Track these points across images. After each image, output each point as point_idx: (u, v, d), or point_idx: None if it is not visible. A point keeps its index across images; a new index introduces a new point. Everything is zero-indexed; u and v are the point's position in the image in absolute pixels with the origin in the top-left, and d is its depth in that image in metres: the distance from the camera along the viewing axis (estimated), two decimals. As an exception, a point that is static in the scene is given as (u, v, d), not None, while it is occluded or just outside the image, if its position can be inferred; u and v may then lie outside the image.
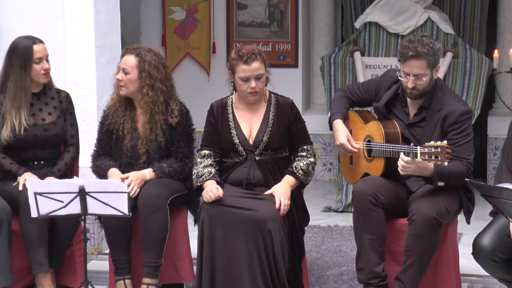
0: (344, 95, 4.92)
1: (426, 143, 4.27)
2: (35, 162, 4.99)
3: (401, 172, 4.41)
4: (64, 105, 5.08)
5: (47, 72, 4.96)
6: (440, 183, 4.47)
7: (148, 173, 4.84)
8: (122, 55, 4.92)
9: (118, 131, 4.91)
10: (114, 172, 4.84)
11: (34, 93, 5.01)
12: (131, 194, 4.68)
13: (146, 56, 4.85)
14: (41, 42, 4.96)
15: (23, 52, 4.90)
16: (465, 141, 4.52)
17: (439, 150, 4.19)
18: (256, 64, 4.58)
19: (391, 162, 4.49)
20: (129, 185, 4.69)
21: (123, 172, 4.88)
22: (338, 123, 4.78)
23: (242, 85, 4.62)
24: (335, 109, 4.86)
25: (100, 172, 4.89)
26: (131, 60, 4.86)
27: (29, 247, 4.76)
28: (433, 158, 4.21)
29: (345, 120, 4.83)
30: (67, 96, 5.11)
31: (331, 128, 4.85)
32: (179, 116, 4.89)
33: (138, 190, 4.78)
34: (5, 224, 4.65)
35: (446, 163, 4.22)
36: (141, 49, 4.88)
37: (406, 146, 4.38)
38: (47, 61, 4.96)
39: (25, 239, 4.76)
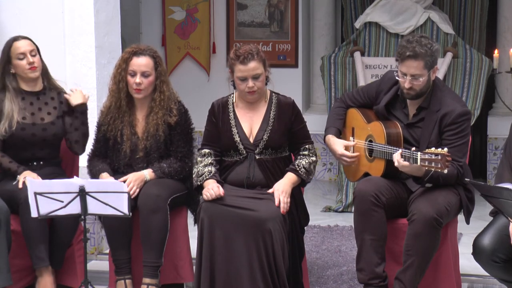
0: (342, 105, 4.93)
1: (427, 150, 4.26)
2: (34, 163, 4.99)
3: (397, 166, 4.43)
4: (65, 105, 5.07)
5: (33, 66, 4.92)
6: (428, 185, 4.48)
7: (147, 173, 4.84)
8: (128, 58, 4.86)
9: (117, 137, 4.91)
10: (104, 177, 4.82)
11: (33, 92, 5.01)
12: (130, 195, 4.67)
13: (158, 55, 4.90)
14: (25, 38, 4.95)
15: (2, 52, 4.95)
16: (460, 143, 4.50)
17: (439, 157, 4.18)
18: (252, 64, 4.58)
19: (391, 163, 4.48)
20: (128, 186, 4.69)
21: (122, 173, 4.87)
22: (331, 138, 4.80)
23: (240, 85, 4.63)
24: (328, 124, 4.90)
25: (92, 175, 4.90)
26: (148, 61, 4.84)
27: (30, 243, 4.76)
28: (433, 165, 4.21)
29: (340, 134, 4.85)
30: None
31: (325, 142, 4.87)
32: (178, 115, 4.89)
33: (138, 190, 4.77)
34: (3, 224, 4.64)
35: (446, 171, 4.21)
36: (149, 49, 4.89)
37: (407, 150, 4.37)
38: (33, 55, 4.92)
39: (26, 236, 4.76)
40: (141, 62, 4.84)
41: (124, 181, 4.71)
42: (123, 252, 4.81)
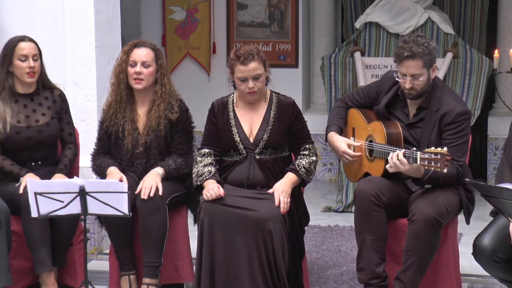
0: (342, 105, 4.93)
1: (427, 149, 4.25)
2: (33, 163, 4.98)
3: (389, 170, 4.41)
4: (58, 104, 5.05)
5: (32, 72, 4.89)
6: (427, 185, 4.48)
7: (157, 169, 4.82)
8: (129, 50, 4.87)
9: (118, 132, 4.91)
10: (113, 171, 4.83)
11: (26, 94, 4.98)
12: (152, 191, 4.67)
13: (158, 48, 4.92)
14: (31, 41, 4.93)
15: (5, 47, 4.92)
16: (459, 142, 4.50)
17: (439, 157, 4.18)
18: (253, 65, 4.58)
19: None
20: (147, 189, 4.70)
21: (123, 169, 4.88)
22: (333, 136, 4.79)
23: (241, 85, 4.63)
24: (330, 122, 4.89)
25: (100, 170, 4.90)
26: (149, 52, 4.87)
27: (32, 247, 4.76)
28: (432, 164, 4.20)
29: (341, 132, 4.84)
30: (61, 94, 5.08)
31: (326, 140, 4.86)
32: (179, 112, 4.90)
33: (156, 186, 4.72)
34: (3, 224, 4.63)
35: (445, 170, 4.21)
36: (150, 42, 4.93)
37: (407, 150, 4.37)
38: (35, 60, 4.90)
39: (28, 239, 4.76)
40: (142, 53, 4.86)
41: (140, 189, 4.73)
42: (125, 249, 4.82)
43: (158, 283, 4.77)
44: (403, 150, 4.38)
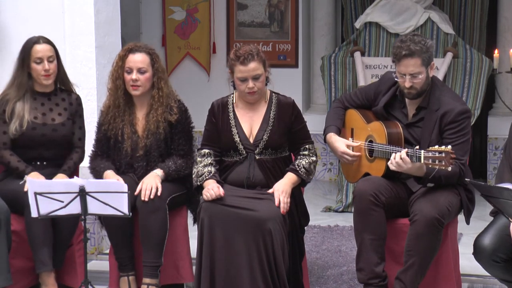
0: (340, 105, 4.93)
1: (431, 147, 4.25)
2: (38, 162, 4.99)
3: (391, 167, 4.40)
4: (74, 107, 5.08)
5: (48, 73, 4.94)
6: (430, 184, 4.48)
7: (157, 171, 4.82)
8: (124, 56, 4.87)
9: (117, 136, 4.91)
10: (109, 174, 4.83)
11: (44, 93, 5.02)
12: (153, 193, 4.67)
13: (154, 52, 4.90)
14: (47, 42, 4.96)
15: (23, 50, 4.96)
16: (461, 141, 4.50)
17: (443, 155, 4.17)
18: (253, 65, 4.58)
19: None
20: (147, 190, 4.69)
21: (122, 172, 4.88)
22: (332, 136, 4.79)
23: (240, 85, 4.63)
24: (328, 122, 4.89)
25: (96, 174, 4.89)
26: (144, 58, 4.85)
27: (34, 247, 4.76)
28: (436, 162, 4.20)
29: (340, 133, 4.84)
30: (77, 98, 5.12)
31: (325, 141, 4.85)
32: (178, 113, 4.90)
33: (156, 187, 4.71)
34: (3, 224, 4.64)
35: (449, 169, 4.21)
36: (146, 46, 4.91)
37: (410, 149, 4.37)
38: (51, 61, 4.94)
39: (30, 239, 4.77)
40: (137, 59, 4.85)
41: (139, 190, 4.72)
42: (125, 249, 4.82)
43: (158, 283, 4.77)
44: (406, 149, 4.38)
